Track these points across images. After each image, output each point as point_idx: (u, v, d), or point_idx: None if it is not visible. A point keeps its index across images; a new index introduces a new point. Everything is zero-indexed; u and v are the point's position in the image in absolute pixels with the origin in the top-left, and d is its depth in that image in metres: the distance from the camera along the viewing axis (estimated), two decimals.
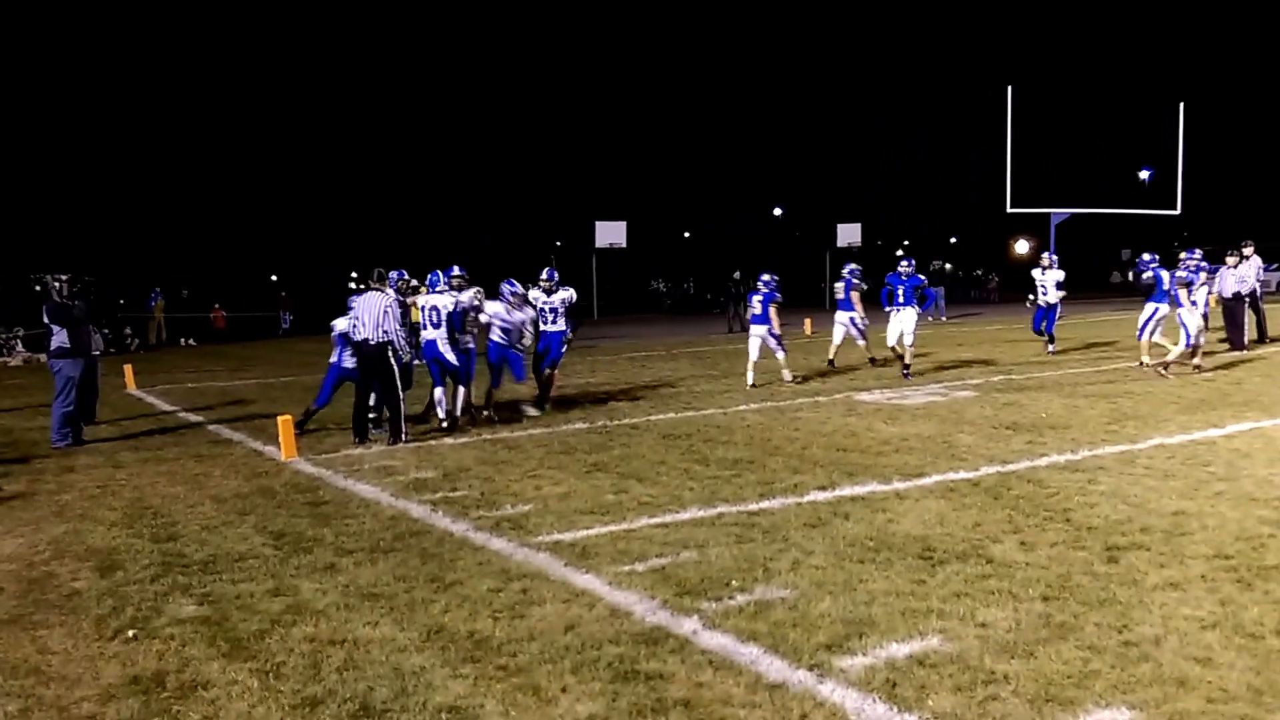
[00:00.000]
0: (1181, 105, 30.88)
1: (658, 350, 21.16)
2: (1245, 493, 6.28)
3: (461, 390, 10.43)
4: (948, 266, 53.22)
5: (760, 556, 5.29)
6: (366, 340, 9.31)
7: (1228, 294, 16.11)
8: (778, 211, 66.22)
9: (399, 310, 9.44)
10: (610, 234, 35.67)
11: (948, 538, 5.50)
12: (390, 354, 9.31)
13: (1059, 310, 16.70)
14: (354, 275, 19.82)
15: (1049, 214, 29.65)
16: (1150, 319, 13.23)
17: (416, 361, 10.22)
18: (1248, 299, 16.12)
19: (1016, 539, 5.42)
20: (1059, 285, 16.40)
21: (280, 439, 8.89)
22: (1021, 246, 30.93)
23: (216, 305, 32.49)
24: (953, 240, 75.58)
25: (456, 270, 10.58)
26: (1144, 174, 31.85)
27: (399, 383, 9.38)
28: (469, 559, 5.48)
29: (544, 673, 3.86)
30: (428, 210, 65.79)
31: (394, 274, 9.78)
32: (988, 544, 5.34)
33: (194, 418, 11.99)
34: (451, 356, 10.06)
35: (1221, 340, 15.82)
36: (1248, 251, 16.32)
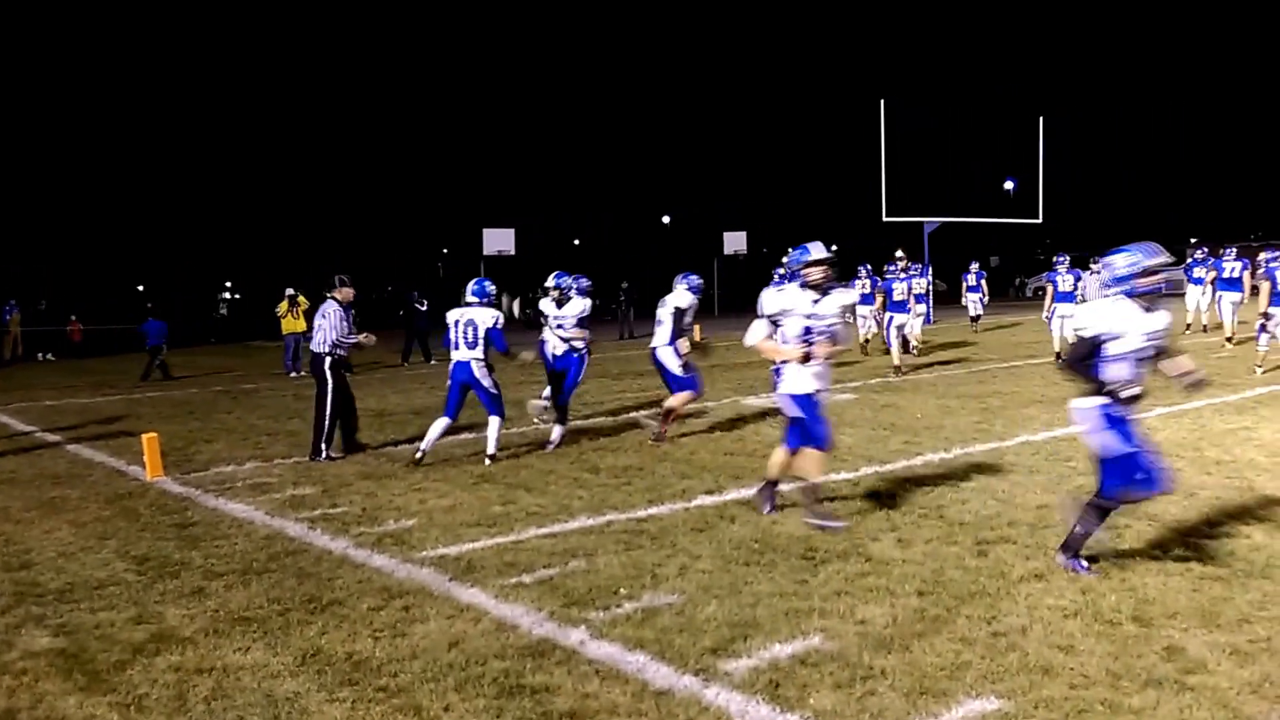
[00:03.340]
0: (1041, 120, 32.49)
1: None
2: None
3: (496, 422, 8.58)
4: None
5: (648, 563, 5.30)
6: (314, 354, 9.08)
7: (1093, 299, 17.22)
8: (666, 219, 66.92)
9: (340, 318, 9.04)
10: (498, 241, 35.29)
11: (830, 538, 5.61)
12: (328, 367, 8.94)
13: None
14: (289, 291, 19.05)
15: (922, 223, 30.77)
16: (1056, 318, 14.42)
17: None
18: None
19: (894, 536, 5.58)
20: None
21: (145, 457, 8.46)
22: (899, 254, 31.91)
23: (73, 318, 30.75)
24: (834, 248, 77.68)
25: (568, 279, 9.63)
26: (1008, 184, 33.39)
27: (330, 399, 8.91)
28: (348, 577, 5.32)
29: (426, 692, 3.77)
30: (308, 217, 63.88)
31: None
32: (867, 542, 5.48)
33: (52, 438, 11.32)
34: (489, 384, 8.64)
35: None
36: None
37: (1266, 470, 6.89)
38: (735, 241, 40.31)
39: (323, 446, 8.90)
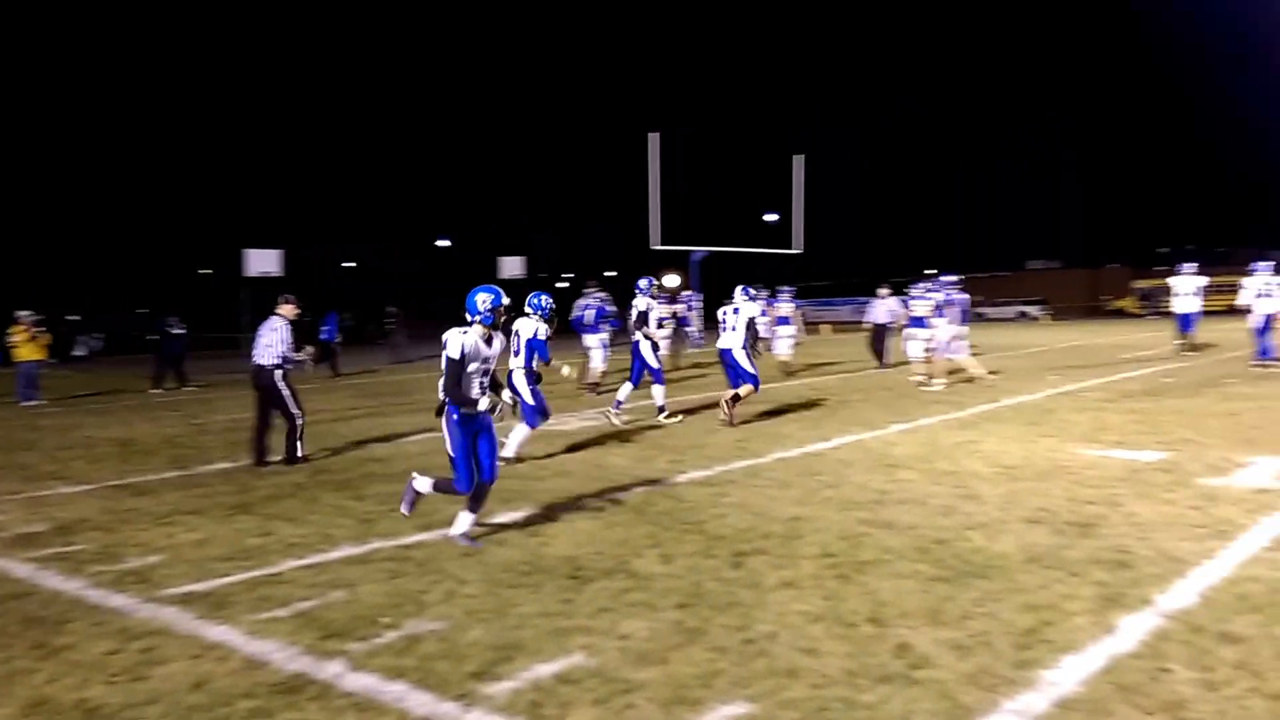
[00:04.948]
0: (798, 158, 34.67)
1: (314, 383, 20.18)
2: (848, 497, 7.12)
3: (523, 429, 9.22)
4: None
5: (413, 590, 5.20)
6: (260, 365, 9.45)
7: (879, 321, 19.48)
8: (444, 243, 65.92)
9: (289, 334, 9.53)
10: (263, 262, 33.50)
11: (597, 556, 5.72)
12: (275, 378, 9.41)
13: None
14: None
15: (690, 251, 32.01)
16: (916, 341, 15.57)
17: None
18: (891, 328, 19.29)
19: (657, 552, 5.76)
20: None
21: None
22: (671, 280, 32.97)
23: None
24: (610, 274, 79.30)
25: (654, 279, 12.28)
26: (770, 217, 35.36)
27: (293, 405, 9.44)
28: (82, 620, 4.88)
29: None
30: (49, 238, 58.12)
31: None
32: (632, 559, 5.62)
33: None
34: (527, 394, 9.10)
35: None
36: (884, 292, 19.87)
37: (987, 479, 7.64)
38: (513, 266, 40.28)
39: (299, 445, 9.44)
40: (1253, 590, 4.73)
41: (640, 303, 12.48)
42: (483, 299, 6.09)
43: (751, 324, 11.60)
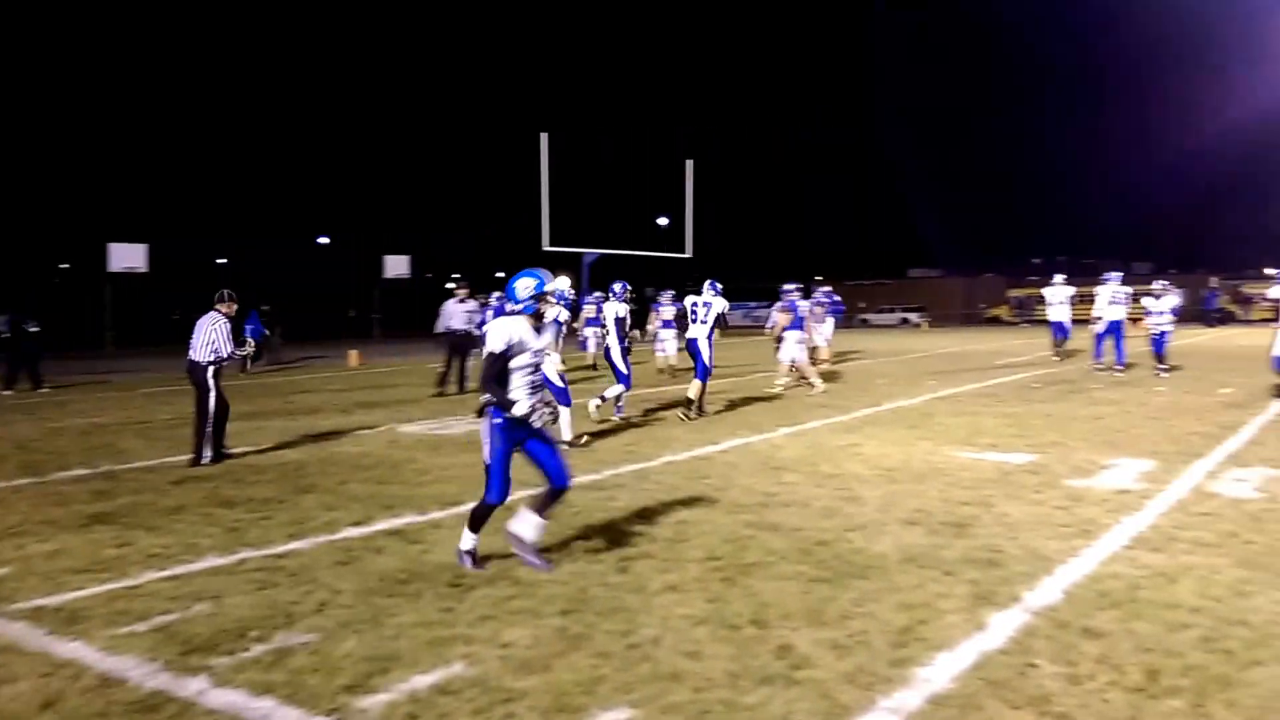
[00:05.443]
0: (690, 163, 35.03)
1: (180, 384, 19.30)
2: (734, 500, 7.17)
3: (564, 411, 9.79)
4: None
5: (283, 601, 4.98)
6: (194, 362, 9.42)
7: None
8: (324, 240, 64.09)
9: (225, 330, 9.54)
10: (127, 257, 31.92)
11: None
12: (208, 375, 9.40)
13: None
14: None
15: (582, 253, 31.95)
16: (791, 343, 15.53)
17: None
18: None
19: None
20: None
21: None
22: (562, 282, 32.86)
23: None
24: (499, 274, 78.58)
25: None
26: (662, 221, 35.60)
27: (210, 404, 9.36)
28: None
29: None
30: None
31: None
32: (515, 565, 5.52)
33: None
34: (556, 378, 9.64)
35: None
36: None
37: (868, 482, 7.81)
38: (398, 265, 39.53)
39: (204, 450, 9.29)
40: (1113, 587, 4.94)
41: (620, 309, 11.83)
42: (523, 285, 5.40)
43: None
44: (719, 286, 12.49)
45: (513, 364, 5.29)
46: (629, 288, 12.49)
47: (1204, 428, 10.38)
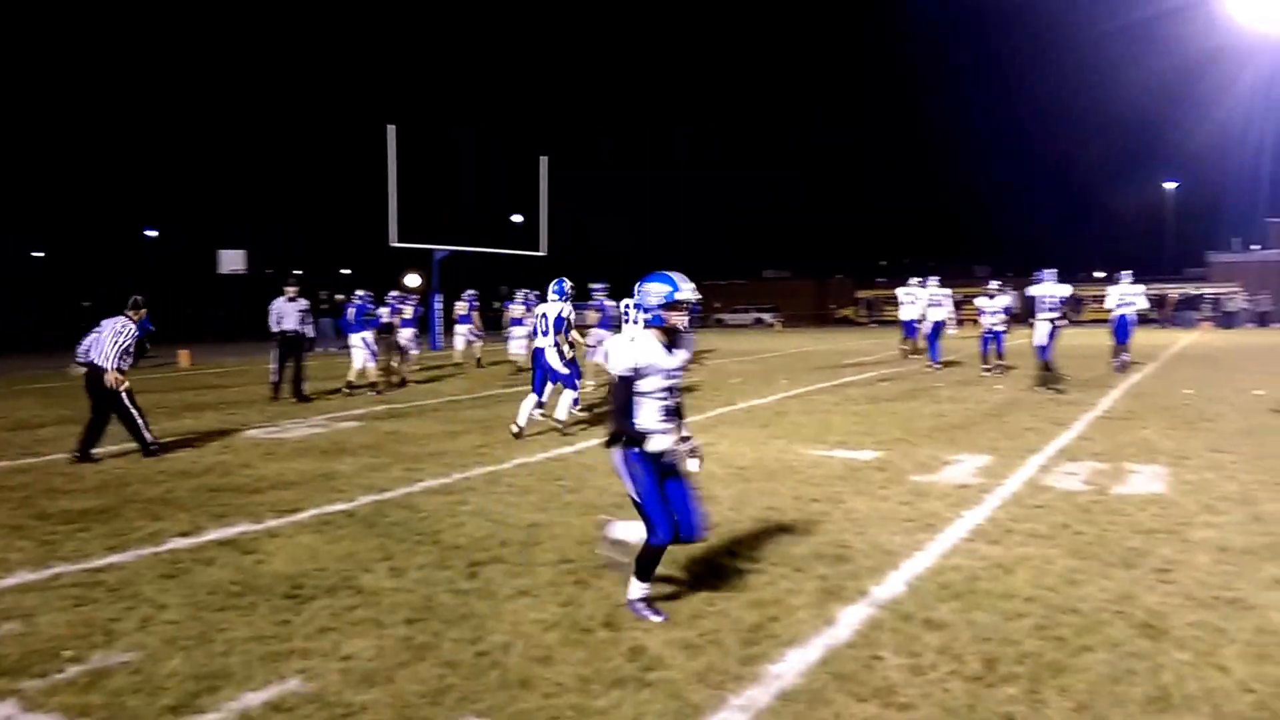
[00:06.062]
0: (544, 160, 34.78)
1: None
2: (588, 501, 7.09)
3: (568, 394, 10.56)
4: (339, 297, 53.31)
5: (102, 619, 4.60)
6: (93, 364, 9.24)
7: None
8: (152, 233, 60.50)
9: (133, 336, 9.47)
10: None
11: (319, 572, 5.32)
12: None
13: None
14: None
15: (432, 250, 31.23)
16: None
17: None
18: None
19: (387, 566, 5.44)
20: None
21: None
22: (411, 280, 32.13)
23: None
24: (345, 271, 76.10)
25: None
26: (516, 218, 35.22)
27: (128, 399, 9.31)
28: None
29: None
30: None
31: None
32: (359, 574, 5.28)
33: None
34: (560, 365, 10.29)
35: None
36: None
37: (721, 480, 7.87)
38: (233, 260, 37.58)
39: (147, 438, 9.37)
40: (954, 579, 5.12)
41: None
42: (655, 291, 4.52)
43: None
44: (566, 287, 11.01)
45: (641, 387, 4.46)
46: (569, 285, 11.14)
47: (1038, 424, 10.97)
